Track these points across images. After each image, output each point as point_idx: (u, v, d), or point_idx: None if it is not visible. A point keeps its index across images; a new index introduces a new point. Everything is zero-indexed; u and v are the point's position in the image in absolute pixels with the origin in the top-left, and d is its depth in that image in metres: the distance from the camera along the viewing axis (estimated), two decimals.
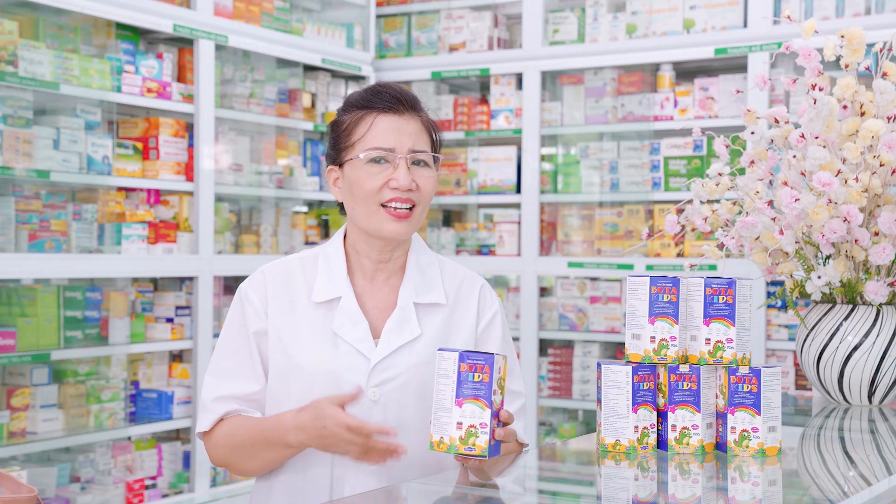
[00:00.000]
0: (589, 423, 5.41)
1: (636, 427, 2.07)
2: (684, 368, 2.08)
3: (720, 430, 2.09)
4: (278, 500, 2.18)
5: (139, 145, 4.60)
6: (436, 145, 2.24)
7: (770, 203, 2.65)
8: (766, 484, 1.93)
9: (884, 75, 2.63)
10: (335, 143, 2.23)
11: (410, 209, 2.16)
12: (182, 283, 4.74)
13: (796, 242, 2.64)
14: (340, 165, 2.21)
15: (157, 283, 4.79)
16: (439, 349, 1.96)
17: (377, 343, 2.16)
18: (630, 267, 5.08)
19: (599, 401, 2.11)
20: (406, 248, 2.27)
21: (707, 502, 1.84)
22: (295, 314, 2.18)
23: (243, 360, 2.19)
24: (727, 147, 2.83)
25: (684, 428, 2.07)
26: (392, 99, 2.17)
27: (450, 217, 5.98)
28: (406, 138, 2.16)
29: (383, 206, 2.15)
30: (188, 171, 4.71)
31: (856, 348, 2.66)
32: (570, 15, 5.39)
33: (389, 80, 2.63)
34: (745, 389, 2.05)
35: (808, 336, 2.74)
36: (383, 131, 2.16)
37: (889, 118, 2.59)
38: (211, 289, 4.73)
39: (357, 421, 1.96)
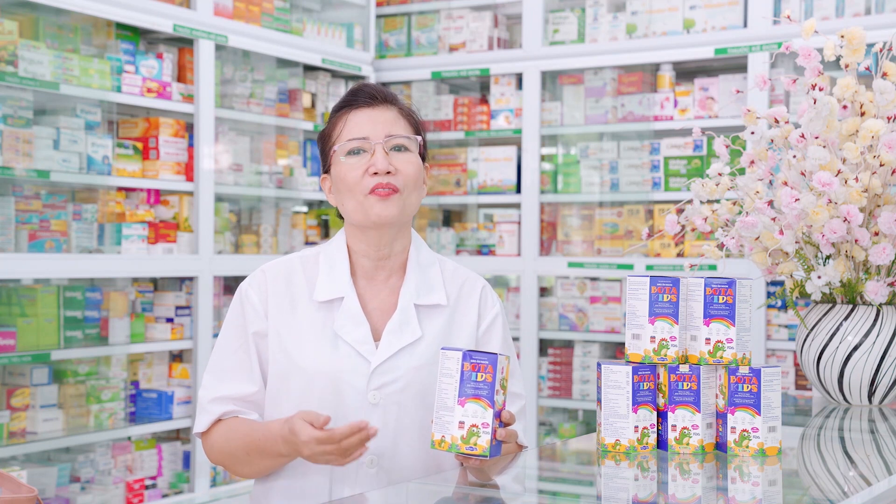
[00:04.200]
0: (589, 423, 5.41)
1: (636, 427, 2.07)
2: (684, 368, 2.08)
3: (720, 430, 2.09)
4: (278, 500, 2.18)
5: (139, 145, 4.60)
6: (418, 134, 2.23)
7: (770, 203, 2.65)
8: (766, 484, 1.93)
9: (884, 75, 2.63)
10: (323, 149, 2.25)
11: (394, 191, 2.15)
12: (182, 283, 4.75)
13: (796, 242, 2.64)
14: (329, 171, 2.22)
15: (157, 283, 4.79)
16: (443, 348, 1.96)
17: (377, 345, 2.16)
18: (630, 267, 5.08)
19: (599, 401, 2.11)
20: (405, 245, 2.26)
21: (707, 502, 1.84)
22: (296, 314, 2.18)
23: (241, 360, 2.18)
24: (727, 147, 2.83)
25: (684, 428, 2.07)
26: (366, 95, 2.20)
27: (450, 217, 5.98)
28: (380, 126, 2.17)
29: (370, 193, 2.15)
30: (188, 171, 4.71)
31: (856, 348, 2.66)
32: (570, 15, 5.39)
33: (384, 82, 2.64)
34: (745, 389, 2.05)
35: (808, 336, 2.74)
36: (357, 124, 2.18)
37: (889, 118, 2.59)
38: (211, 289, 4.73)
39: (324, 433, 1.95)
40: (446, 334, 2.21)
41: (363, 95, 2.20)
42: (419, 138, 2.22)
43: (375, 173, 2.14)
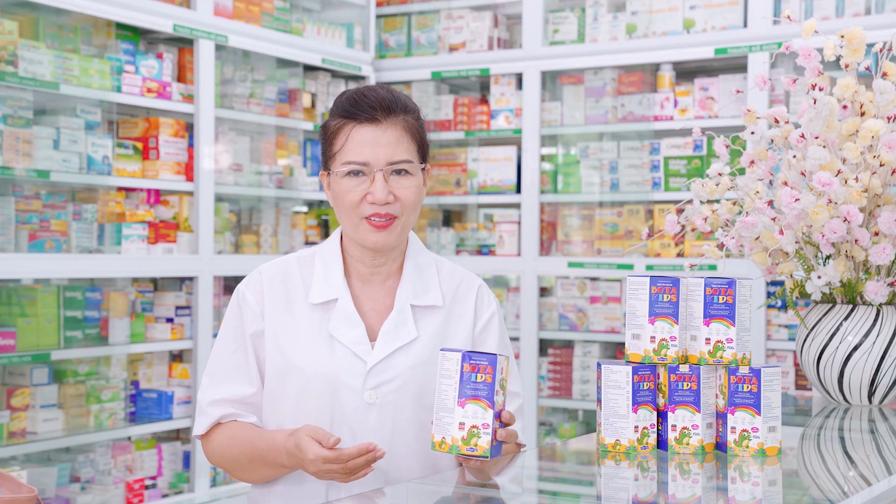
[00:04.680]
0: (589, 423, 5.41)
1: (636, 427, 2.07)
2: (684, 368, 2.08)
3: (720, 430, 2.09)
4: (276, 500, 2.18)
5: (139, 145, 4.60)
6: (422, 146, 2.20)
7: (770, 203, 2.65)
8: (766, 484, 1.93)
9: (884, 75, 2.63)
10: (323, 149, 2.22)
11: (392, 219, 2.14)
12: (182, 283, 4.74)
13: (796, 242, 2.64)
14: (328, 170, 2.21)
15: (157, 283, 4.79)
16: (442, 349, 1.96)
17: (374, 345, 2.16)
18: (630, 267, 5.08)
19: (599, 401, 2.11)
20: (402, 251, 2.25)
21: (707, 502, 1.84)
22: (292, 315, 2.18)
23: (239, 362, 2.18)
24: (727, 147, 2.83)
25: (684, 428, 2.07)
26: (369, 109, 2.12)
27: (450, 217, 5.98)
28: (382, 150, 2.12)
29: (367, 219, 2.14)
30: (188, 171, 4.71)
31: (856, 348, 2.66)
32: (570, 15, 5.39)
33: (384, 82, 2.61)
34: (745, 389, 2.05)
35: (808, 336, 2.74)
36: (359, 145, 2.12)
37: (889, 118, 2.59)
38: (211, 289, 4.73)
39: (333, 453, 1.95)
40: (443, 334, 2.21)
41: (365, 109, 2.12)
42: (423, 166, 2.19)
43: (374, 202, 2.13)
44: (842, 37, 2.66)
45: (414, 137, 2.17)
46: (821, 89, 2.58)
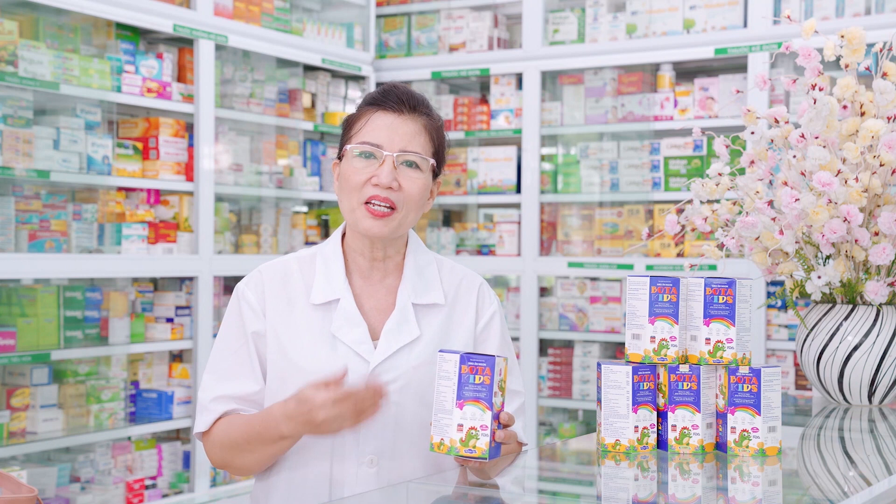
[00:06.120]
0: (589, 423, 5.41)
1: (636, 427, 2.07)
2: (684, 368, 2.08)
3: (720, 430, 2.09)
4: (278, 499, 2.18)
5: (139, 145, 4.60)
6: (438, 151, 2.22)
7: (770, 203, 2.65)
8: (766, 484, 1.93)
9: (884, 75, 2.63)
10: (341, 137, 2.24)
11: (391, 209, 2.14)
12: (182, 283, 4.74)
13: (796, 242, 2.64)
14: (341, 159, 2.22)
15: (157, 283, 4.79)
16: (440, 351, 1.96)
17: (376, 345, 2.16)
18: (630, 267, 5.08)
19: (599, 401, 2.11)
20: (402, 248, 2.25)
21: (707, 502, 1.84)
22: (293, 315, 2.17)
23: (241, 360, 2.17)
24: (727, 147, 2.83)
25: (684, 428, 2.07)
26: (396, 99, 2.17)
27: (450, 217, 5.98)
28: (398, 137, 2.15)
29: (366, 203, 2.14)
30: (188, 171, 4.71)
31: (856, 348, 2.66)
32: (570, 15, 5.39)
33: (384, 82, 2.61)
34: (745, 389, 2.05)
35: (808, 336, 2.74)
36: (377, 128, 2.15)
37: (889, 118, 2.60)
38: (211, 289, 4.73)
39: (342, 392, 1.93)
40: (445, 333, 2.20)
41: (392, 98, 2.17)
42: (433, 161, 2.19)
43: (377, 185, 2.13)
44: (842, 37, 2.66)
45: (431, 139, 2.20)
46: (821, 89, 2.58)
